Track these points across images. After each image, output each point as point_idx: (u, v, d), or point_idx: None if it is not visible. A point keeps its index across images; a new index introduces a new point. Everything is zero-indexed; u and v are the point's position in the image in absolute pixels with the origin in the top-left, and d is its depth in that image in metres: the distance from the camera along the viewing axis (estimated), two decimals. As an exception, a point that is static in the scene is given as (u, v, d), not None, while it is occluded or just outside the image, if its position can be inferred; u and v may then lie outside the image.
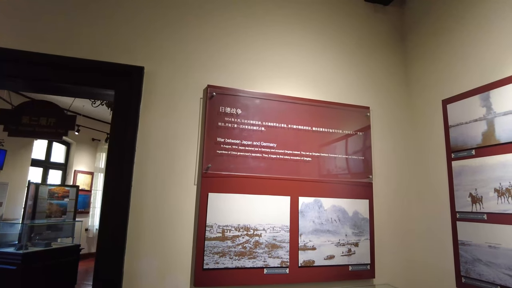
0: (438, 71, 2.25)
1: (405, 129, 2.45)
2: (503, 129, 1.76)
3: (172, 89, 1.95)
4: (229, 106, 1.98)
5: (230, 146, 1.94)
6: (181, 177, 1.87)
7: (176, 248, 1.80)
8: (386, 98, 2.45)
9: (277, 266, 1.90)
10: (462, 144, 1.98)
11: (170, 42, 2.00)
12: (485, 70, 1.92)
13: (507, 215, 1.69)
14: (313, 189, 2.07)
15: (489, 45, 1.91)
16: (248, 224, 1.89)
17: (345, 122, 2.24)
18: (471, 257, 1.86)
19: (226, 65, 2.08)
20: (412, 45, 2.54)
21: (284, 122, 2.09)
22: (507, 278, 1.66)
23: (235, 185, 1.92)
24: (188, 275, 1.79)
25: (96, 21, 1.91)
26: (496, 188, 1.76)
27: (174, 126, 1.91)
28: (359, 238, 2.10)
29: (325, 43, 2.37)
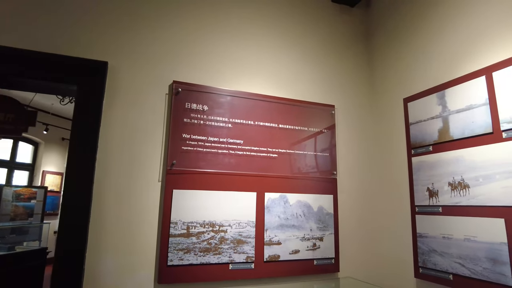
0: (400, 71, 2.34)
1: (369, 127, 2.53)
2: (456, 126, 1.85)
3: (137, 85, 1.93)
4: (195, 103, 1.98)
5: (196, 143, 1.94)
6: (145, 174, 1.85)
7: (140, 245, 1.78)
8: (350, 96, 2.52)
9: (242, 261, 1.91)
10: (421, 140, 2.07)
11: (135, 38, 1.98)
12: (442, 70, 2.01)
13: (459, 207, 1.78)
14: (279, 185, 2.10)
15: (446, 46, 2.01)
16: (213, 221, 1.90)
17: (311, 120, 2.29)
18: (427, 248, 1.94)
19: (193, 62, 2.07)
20: (376, 46, 2.63)
21: (251, 119, 2.11)
22: (458, 266, 1.75)
23: (201, 181, 1.92)
24: (152, 272, 1.78)
25: (59, 14, 1.86)
26: (450, 182, 1.85)
27: (138, 122, 1.89)
28: (324, 232, 2.15)
29: (292, 42, 2.41)
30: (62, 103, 5.37)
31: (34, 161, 7.75)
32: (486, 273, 1.62)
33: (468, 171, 1.77)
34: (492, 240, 1.61)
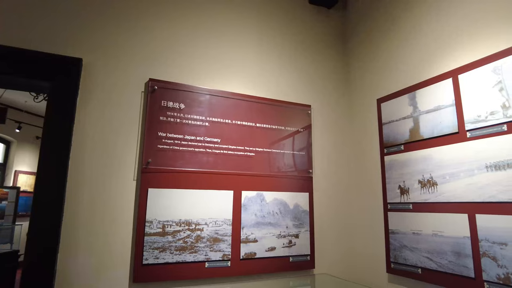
0: (374, 72, 2.41)
1: (344, 127, 2.59)
2: (425, 126, 1.93)
3: (112, 82, 1.90)
4: (171, 101, 1.97)
5: (172, 141, 1.93)
6: (120, 173, 1.83)
7: (115, 244, 1.76)
8: (326, 97, 2.58)
9: (218, 259, 1.92)
10: (393, 140, 2.14)
11: (111, 35, 1.95)
12: (413, 72, 2.09)
13: (427, 204, 1.86)
14: (256, 183, 2.12)
15: (416, 49, 2.08)
16: (190, 219, 1.90)
17: (288, 119, 2.32)
18: (399, 244, 2.01)
19: (169, 60, 2.06)
20: (352, 47, 2.69)
21: (229, 118, 2.12)
22: (426, 261, 1.82)
23: (177, 180, 1.91)
24: (127, 271, 1.76)
25: (32, 9, 1.80)
26: (420, 179, 1.92)
27: (113, 120, 1.87)
28: (300, 229, 2.19)
29: (269, 42, 2.44)
30: (36, 100, 5.19)
31: (6, 160, 7.48)
32: (451, 266, 1.69)
33: (436, 169, 1.84)
34: (457, 235, 1.69)
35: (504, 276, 1.47)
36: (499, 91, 1.58)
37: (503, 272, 1.47)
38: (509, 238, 1.47)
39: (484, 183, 1.60)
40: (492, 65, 1.61)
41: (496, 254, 1.51)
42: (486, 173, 1.59)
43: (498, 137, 1.56)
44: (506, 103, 1.54)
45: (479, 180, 1.62)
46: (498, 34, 1.64)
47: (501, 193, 1.52)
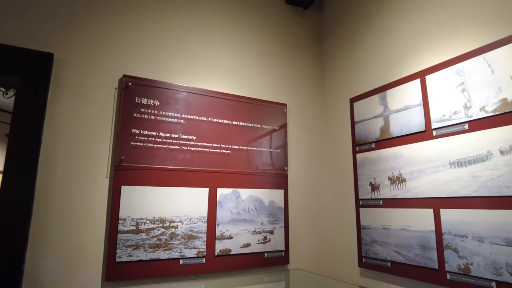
0: (347, 72, 2.47)
1: (318, 125, 2.65)
2: (395, 125, 2.00)
3: (85, 78, 1.87)
4: (145, 97, 1.95)
5: (146, 138, 1.92)
6: (93, 170, 1.80)
7: (87, 242, 1.73)
8: (302, 96, 2.62)
9: (193, 256, 1.93)
10: (365, 138, 2.20)
11: (84, 31, 1.91)
12: (384, 72, 2.16)
13: (396, 200, 1.93)
14: (232, 181, 2.14)
15: (387, 50, 2.15)
16: (164, 217, 1.89)
17: (264, 117, 2.35)
18: (370, 239, 2.08)
19: (144, 56, 2.05)
20: (327, 47, 2.75)
21: (204, 115, 2.12)
22: (395, 254, 1.90)
23: (151, 177, 1.90)
24: (99, 270, 1.74)
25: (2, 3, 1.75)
26: (390, 176, 2.00)
27: (86, 117, 1.83)
28: (275, 226, 2.22)
29: (246, 41, 2.45)
30: (6, 96, 5.01)
31: (-27, 158, 7.15)
32: (417, 258, 1.77)
33: (405, 166, 1.91)
34: (423, 229, 1.76)
35: (464, 266, 1.55)
36: (462, 92, 1.66)
37: (463, 262, 1.55)
38: (469, 230, 1.55)
39: (448, 179, 1.68)
40: (456, 67, 1.70)
41: (458, 246, 1.59)
42: (450, 169, 1.67)
43: (460, 136, 1.64)
44: (468, 103, 1.63)
45: (444, 176, 1.70)
46: (461, 38, 1.72)
47: (463, 188, 1.60)
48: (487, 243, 1.48)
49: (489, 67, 1.56)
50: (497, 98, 1.51)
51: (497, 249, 1.44)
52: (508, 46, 1.49)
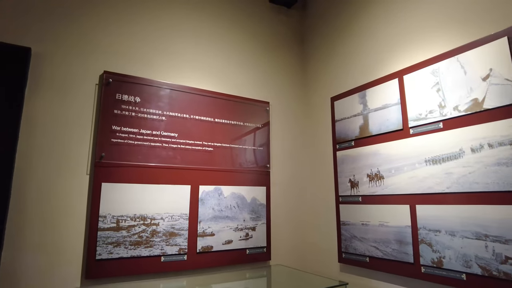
0: (329, 71, 2.51)
1: (301, 123, 2.69)
2: (374, 123, 2.05)
3: (64, 74, 1.84)
4: (127, 94, 1.94)
5: (127, 135, 1.90)
6: (72, 167, 1.78)
7: (66, 240, 1.71)
8: (284, 94, 2.65)
9: (175, 253, 1.93)
10: (345, 136, 2.25)
11: (63, 24, 1.88)
12: (364, 72, 2.20)
13: (375, 196, 1.98)
14: (214, 178, 2.15)
15: (367, 51, 2.20)
16: (145, 214, 1.88)
17: (247, 115, 2.36)
18: (349, 235, 2.12)
19: (126, 53, 2.03)
20: (309, 47, 2.78)
21: (187, 113, 2.12)
22: (373, 250, 1.95)
23: (132, 174, 1.89)
24: (79, 268, 1.72)
25: (-30, -8, 1.71)
26: (369, 173, 2.04)
27: (65, 113, 1.81)
28: (256, 222, 2.25)
29: (229, 39, 2.46)
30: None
31: None
32: (394, 253, 1.82)
33: (383, 163, 1.96)
34: (400, 224, 1.82)
35: (437, 259, 1.61)
36: (437, 91, 1.71)
37: (437, 256, 1.61)
38: (442, 225, 1.61)
39: (424, 176, 1.74)
40: (431, 68, 1.75)
41: (432, 240, 1.65)
42: (426, 167, 1.73)
43: (435, 134, 1.70)
44: (442, 102, 1.68)
45: (420, 173, 1.76)
46: (437, 39, 1.77)
47: (437, 185, 1.66)
48: (459, 237, 1.54)
49: (462, 68, 1.62)
50: (469, 98, 1.57)
51: (467, 243, 1.50)
52: (479, 48, 1.55)
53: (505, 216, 1.39)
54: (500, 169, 1.43)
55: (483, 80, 1.53)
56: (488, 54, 1.52)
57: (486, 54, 1.53)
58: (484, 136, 1.50)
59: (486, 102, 1.51)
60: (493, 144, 1.46)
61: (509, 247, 1.37)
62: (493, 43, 1.50)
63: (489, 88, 1.50)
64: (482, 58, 1.54)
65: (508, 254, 1.37)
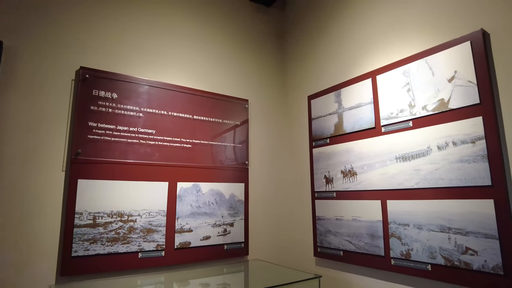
0: (306, 70, 2.57)
1: (278, 121, 2.74)
2: (348, 121, 2.11)
3: (38, 68, 1.81)
4: (103, 90, 1.93)
5: (104, 131, 1.89)
6: (47, 163, 1.76)
7: (41, 237, 1.69)
8: (263, 92, 2.69)
9: (152, 249, 1.94)
10: (320, 134, 2.31)
11: (37, 17, 1.84)
12: (339, 72, 2.27)
13: (348, 192, 2.05)
14: (192, 175, 2.16)
15: (343, 51, 2.26)
16: (122, 210, 1.88)
17: (226, 112, 2.39)
18: (324, 229, 2.19)
19: (103, 48, 2.01)
20: (288, 46, 2.83)
21: (165, 109, 2.12)
22: (346, 243, 2.02)
23: (109, 171, 1.88)
24: (54, 265, 1.70)
25: None
26: (342, 170, 2.11)
27: (39, 109, 1.78)
28: (235, 218, 2.28)
29: (209, 36, 2.47)
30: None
31: None
32: (366, 247, 1.90)
33: (356, 160, 2.03)
34: (371, 219, 1.89)
35: (406, 252, 1.69)
36: (407, 91, 1.79)
37: (405, 249, 1.69)
38: (410, 219, 1.69)
39: (394, 173, 1.81)
40: (402, 69, 1.83)
41: (401, 234, 1.73)
42: (396, 163, 1.81)
43: (405, 132, 1.78)
44: (412, 102, 1.76)
45: (391, 170, 1.83)
46: (408, 41, 1.85)
47: (406, 181, 1.74)
48: (425, 230, 1.62)
49: (430, 69, 1.70)
50: (436, 98, 1.65)
51: (433, 235, 1.59)
52: (445, 51, 1.63)
53: (466, 209, 1.48)
54: (463, 165, 1.52)
55: (448, 82, 1.61)
56: (453, 57, 1.60)
57: (451, 57, 1.61)
58: (449, 134, 1.58)
59: (451, 102, 1.59)
60: (457, 142, 1.55)
61: (469, 238, 1.46)
62: (458, 47, 1.59)
63: (454, 89, 1.59)
64: (448, 60, 1.62)
65: (468, 245, 1.46)
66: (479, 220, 1.44)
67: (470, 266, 1.44)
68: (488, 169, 1.43)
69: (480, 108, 1.49)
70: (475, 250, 1.44)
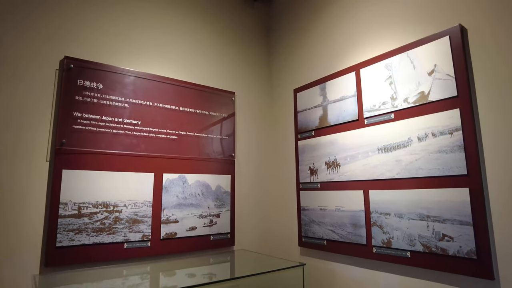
0: (292, 64, 2.60)
1: (265, 114, 2.76)
2: (332, 114, 2.16)
3: (20, 57, 1.78)
4: (88, 80, 1.91)
5: (89, 122, 1.88)
6: (30, 153, 1.73)
7: (24, 228, 1.67)
8: (250, 85, 2.71)
9: (138, 240, 1.94)
10: (306, 126, 2.35)
11: (18, 3, 1.81)
12: (324, 65, 2.30)
13: (332, 183, 2.10)
14: (178, 166, 2.17)
15: (328, 45, 2.30)
16: (107, 201, 1.88)
17: (212, 104, 2.40)
18: (308, 219, 2.24)
19: (87, 38, 1.99)
20: (274, 39, 2.85)
21: (150, 100, 2.12)
22: (330, 233, 2.07)
23: (94, 161, 1.87)
24: (37, 256, 1.69)
25: None
26: (327, 161, 2.16)
27: (21, 99, 1.75)
28: (221, 209, 2.31)
29: (196, 28, 2.47)
30: None
31: None
32: (349, 236, 1.95)
33: (340, 152, 2.08)
34: (354, 209, 1.94)
35: (387, 240, 1.75)
36: (389, 84, 1.84)
37: (387, 237, 1.75)
38: (392, 208, 1.75)
39: (376, 163, 1.87)
40: (385, 62, 1.87)
41: (382, 223, 1.78)
42: (378, 155, 1.86)
43: (387, 124, 1.83)
44: (394, 95, 1.81)
45: (373, 161, 1.89)
46: (391, 35, 1.90)
47: (388, 171, 1.80)
48: (405, 219, 1.68)
49: (411, 63, 1.75)
50: (417, 91, 1.71)
51: (413, 224, 1.65)
52: (426, 45, 1.69)
53: (443, 198, 1.54)
54: (441, 156, 1.57)
55: (428, 75, 1.67)
56: (433, 51, 1.65)
57: (431, 51, 1.66)
58: (428, 126, 1.64)
59: (431, 95, 1.65)
60: (436, 133, 1.61)
61: (446, 225, 1.52)
62: (437, 41, 1.64)
63: (433, 82, 1.64)
64: (428, 54, 1.67)
65: (445, 232, 1.52)
66: (455, 208, 1.50)
67: (446, 252, 1.51)
68: (464, 159, 1.50)
69: (457, 100, 1.55)
70: (451, 237, 1.50)
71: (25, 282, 1.64)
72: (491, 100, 1.46)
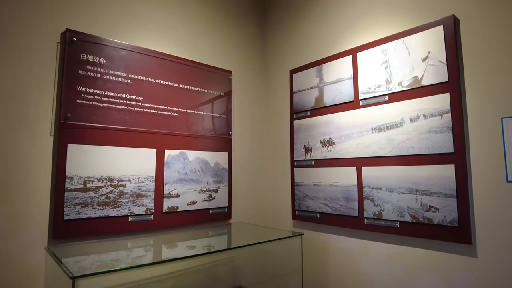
0: (288, 45, 2.66)
1: (261, 94, 2.83)
2: (328, 95, 2.27)
3: (21, 31, 1.72)
4: (91, 54, 1.89)
5: (93, 97, 1.88)
6: (34, 128, 1.72)
7: (32, 202, 1.68)
8: (246, 65, 2.75)
9: (142, 213, 2.00)
10: (301, 107, 2.45)
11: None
12: (321, 47, 2.39)
13: (326, 160, 2.23)
14: (179, 143, 2.22)
15: (325, 27, 2.38)
16: (112, 175, 1.91)
17: (210, 83, 2.43)
18: (302, 194, 2.38)
19: (89, 11, 1.94)
20: (270, 20, 2.89)
21: (152, 77, 2.13)
22: (323, 206, 2.22)
23: (98, 136, 1.88)
24: (45, 229, 1.71)
25: None
26: (321, 140, 2.28)
27: (24, 72, 1.71)
28: (219, 185, 2.39)
29: (196, 6, 2.46)
30: None
31: None
32: (342, 209, 2.11)
33: (335, 131, 2.21)
34: (347, 184, 2.09)
35: (378, 212, 1.92)
36: (385, 68, 1.96)
37: (378, 209, 1.92)
38: (382, 183, 1.91)
39: (370, 142, 2.01)
40: (381, 47, 1.99)
41: (374, 196, 1.94)
42: (372, 134, 2.00)
43: (381, 106, 1.96)
44: (389, 78, 1.94)
45: (366, 140, 2.03)
46: (388, 22, 2.01)
47: (380, 150, 1.94)
48: (396, 193, 1.85)
49: (406, 49, 1.87)
50: (411, 75, 1.84)
51: (402, 197, 1.82)
52: (421, 33, 1.81)
53: (431, 174, 1.71)
54: (431, 136, 1.73)
55: (422, 61, 1.80)
56: (428, 39, 1.78)
57: (426, 39, 1.79)
58: (420, 108, 1.78)
59: (424, 80, 1.79)
60: (427, 115, 1.76)
61: (433, 198, 1.70)
62: (432, 30, 1.77)
63: (427, 67, 1.78)
64: (423, 42, 1.80)
65: (432, 204, 1.70)
66: (442, 182, 1.67)
67: (432, 221, 1.69)
68: (451, 139, 1.66)
69: (448, 85, 1.70)
70: (437, 208, 1.68)
71: (33, 254, 1.67)
72: (478, 85, 1.61)
